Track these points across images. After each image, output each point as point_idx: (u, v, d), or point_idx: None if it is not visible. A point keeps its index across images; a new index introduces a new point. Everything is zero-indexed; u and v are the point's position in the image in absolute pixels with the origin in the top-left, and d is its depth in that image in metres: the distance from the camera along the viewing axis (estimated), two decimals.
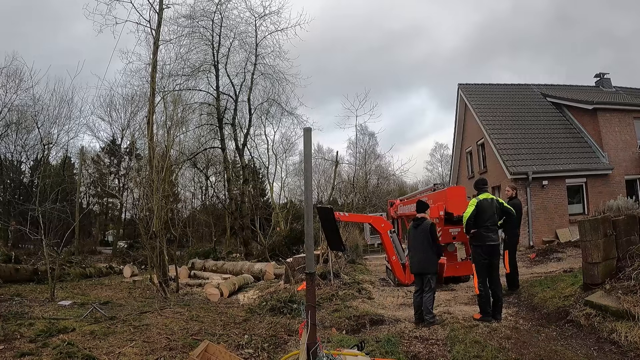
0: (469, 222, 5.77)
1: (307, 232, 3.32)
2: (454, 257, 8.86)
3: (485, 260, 5.63)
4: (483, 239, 5.69)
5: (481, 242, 5.70)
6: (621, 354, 4.02)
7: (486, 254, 5.65)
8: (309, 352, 3.02)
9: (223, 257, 17.59)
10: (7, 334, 4.34)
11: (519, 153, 15.71)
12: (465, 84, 20.37)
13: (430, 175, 43.33)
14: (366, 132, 29.31)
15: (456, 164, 22.41)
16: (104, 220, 31.99)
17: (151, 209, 8.69)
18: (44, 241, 8.54)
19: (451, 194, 8.43)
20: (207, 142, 19.88)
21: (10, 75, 20.29)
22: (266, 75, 18.98)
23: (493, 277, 5.68)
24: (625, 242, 5.35)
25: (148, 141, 10.13)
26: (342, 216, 9.55)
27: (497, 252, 5.77)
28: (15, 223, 17.47)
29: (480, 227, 5.72)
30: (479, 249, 5.71)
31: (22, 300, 6.92)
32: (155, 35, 11.29)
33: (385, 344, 4.55)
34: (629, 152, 15.65)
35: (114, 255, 20.86)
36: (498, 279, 5.71)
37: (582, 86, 21.28)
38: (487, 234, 5.69)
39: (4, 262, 11.26)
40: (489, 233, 5.71)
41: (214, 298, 8.60)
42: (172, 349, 4.28)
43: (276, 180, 27.05)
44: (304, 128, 3.25)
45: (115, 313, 5.87)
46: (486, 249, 5.66)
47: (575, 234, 12.78)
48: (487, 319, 5.31)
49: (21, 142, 23.01)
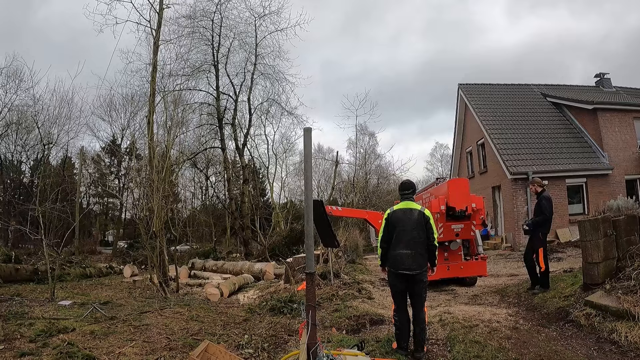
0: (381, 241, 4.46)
1: (307, 232, 3.33)
2: (458, 257, 8.44)
3: (400, 287, 4.35)
4: (395, 264, 4.29)
5: (393, 267, 4.33)
6: (621, 354, 4.02)
7: (400, 282, 4.32)
8: (309, 352, 3.03)
9: (223, 257, 17.59)
10: (7, 334, 4.35)
11: (519, 153, 15.72)
12: (466, 84, 20.39)
13: (430, 175, 43.35)
14: (366, 132, 29.38)
15: (456, 164, 22.41)
16: (104, 220, 31.97)
17: (151, 209, 8.69)
18: (44, 241, 8.54)
19: (453, 186, 8.06)
20: (207, 142, 19.91)
21: (10, 76, 20.32)
22: (266, 75, 19.03)
23: (413, 303, 4.39)
24: (625, 242, 5.35)
25: (148, 141, 10.14)
26: (334, 210, 9.11)
27: (416, 281, 4.26)
28: (15, 223, 17.47)
29: (391, 247, 4.34)
30: (391, 274, 4.40)
31: (22, 300, 6.92)
32: (156, 35, 11.30)
33: (385, 344, 4.55)
34: (629, 152, 15.67)
35: (114, 255, 20.86)
36: (420, 308, 4.34)
37: (582, 86, 21.31)
38: (400, 258, 4.25)
39: (4, 262, 11.25)
40: (402, 257, 4.24)
41: (214, 298, 8.60)
42: (172, 349, 4.28)
43: (276, 180, 27.07)
44: (304, 128, 3.26)
45: (115, 313, 5.87)
46: (400, 277, 4.29)
47: (575, 234, 12.78)
48: (402, 353, 4.25)
49: (21, 142, 23.06)
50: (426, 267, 4.34)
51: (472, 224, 8.18)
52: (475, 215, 8.07)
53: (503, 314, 5.66)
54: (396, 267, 4.29)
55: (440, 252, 8.47)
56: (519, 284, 7.81)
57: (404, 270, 4.24)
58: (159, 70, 12.17)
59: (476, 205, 7.97)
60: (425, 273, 4.33)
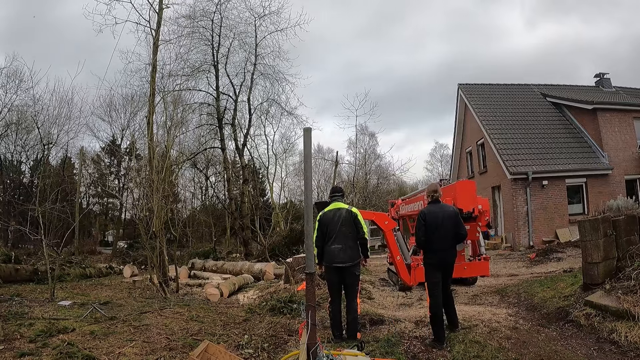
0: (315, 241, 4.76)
1: (307, 232, 3.34)
2: (462, 257, 8.34)
3: (334, 279, 4.84)
4: (329, 259, 4.76)
5: (327, 262, 4.80)
6: (621, 354, 4.02)
7: (334, 275, 4.80)
8: (309, 352, 3.03)
9: (223, 257, 17.59)
10: (7, 334, 4.34)
11: (519, 153, 15.73)
12: (465, 84, 20.38)
13: (430, 175, 43.35)
14: (366, 132, 29.40)
15: (456, 164, 22.42)
16: (104, 220, 31.99)
17: (151, 209, 8.69)
18: (44, 241, 8.54)
19: (461, 188, 8.07)
20: (207, 142, 19.88)
21: (10, 76, 20.33)
22: (266, 76, 19.00)
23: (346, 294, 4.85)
24: (625, 242, 5.35)
25: (148, 141, 10.13)
26: None
27: (348, 273, 4.74)
28: (15, 223, 17.47)
29: (325, 245, 4.79)
30: (327, 269, 4.87)
31: (22, 300, 6.91)
32: (155, 35, 11.29)
33: (385, 344, 4.55)
34: (629, 152, 15.67)
35: (114, 255, 20.86)
36: (353, 298, 4.81)
37: (582, 86, 21.30)
38: (333, 253, 4.72)
39: (4, 262, 11.25)
40: (335, 252, 4.72)
41: (214, 298, 8.60)
42: (172, 349, 4.28)
43: (276, 180, 27.09)
44: (304, 128, 3.26)
45: (115, 313, 5.87)
46: (334, 270, 4.77)
47: (575, 234, 12.79)
48: (336, 341, 4.62)
49: (21, 142, 23.07)
50: (358, 260, 4.83)
51: (477, 225, 8.27)
52: (481, 217, 8.18)
53: (503, 314, 5.66)
54: (330, 261, 4.78)
55: None
56: (518, 284, 7.83)
57: (337, 264, 4.73)
58: (158, 70, 12.17)
59: (482, 207, 8.07)
60: (357, 266, 4.83)
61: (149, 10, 11.56)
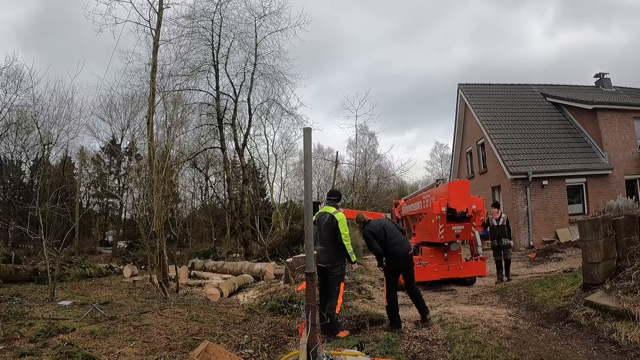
0: None
1: (307, 232, 3.33)
2: (458, 257, 8.59)
3: (319, 278, 5.36)
4: (316, 259, 5.28)
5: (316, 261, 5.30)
6: (621, 354, 4.02)
7: (318, 274, 5.30)
8: (309, 352, 3.03)
9: (223, 257, 17.59)
10: (7, 334, 4.34)
11: (519, 153, 15.73)
12: (465, 84, 20.38)
13: (430, 175, 43.35)
14: (366, 132, 29.40)
15: (456, 164, 22.42)
16: (104, 220, 31.96)
17: (151, 209, 8.69)
18: (44, 241, 8.54)
19: (453, 188, 8.19)
20: (207, 142, 19.88)
21: (10, 76, 20.32)
22: (266, 76, 19.00)
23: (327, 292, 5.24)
24: (625, 242, 5.35)
25: (148, 141, 10.13)
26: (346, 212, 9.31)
27: (328, 273, 5.19)
28: (15, 223, 17.48)
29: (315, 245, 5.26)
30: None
31: (22, 300, 6.91)
32: (155, 35, 11.29)
33: (385, 344, 4.55)
34: (629, 152, 15.67)
35: (114, 255, 20.86)
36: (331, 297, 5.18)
37: (582, 86, 21.29)
38: (318, 254, 5.27)
39: (4, 262, 11.25)
40: (319, 253, 5.27)
41: (214, 298, 8.60)
42: (172, 349, 4.28)
43: (276, 181, 27.11)
44: (303, 128, 3.26)
45: (115, 313, 5.87)
46: (318, 270, 5.30)
47: (575, 234, 12.80)
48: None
49: (21, 142, 23.06)
50: (338, 262, 5.19)
51: (472, 225, 8.28)
52: (476, 216, 8.18)
53: (503, 314, 5.66)
54: (316, 261, 5.21)
55: (440, 252, 8.59)
56: (519, 284, 7.82)
57: (319, 264, 5.23)
58: (158, 70, 12.17)
59: (476, 206, 8.06)
60: (337, 267, 5.19)
61: (149, 10, 11.57)
